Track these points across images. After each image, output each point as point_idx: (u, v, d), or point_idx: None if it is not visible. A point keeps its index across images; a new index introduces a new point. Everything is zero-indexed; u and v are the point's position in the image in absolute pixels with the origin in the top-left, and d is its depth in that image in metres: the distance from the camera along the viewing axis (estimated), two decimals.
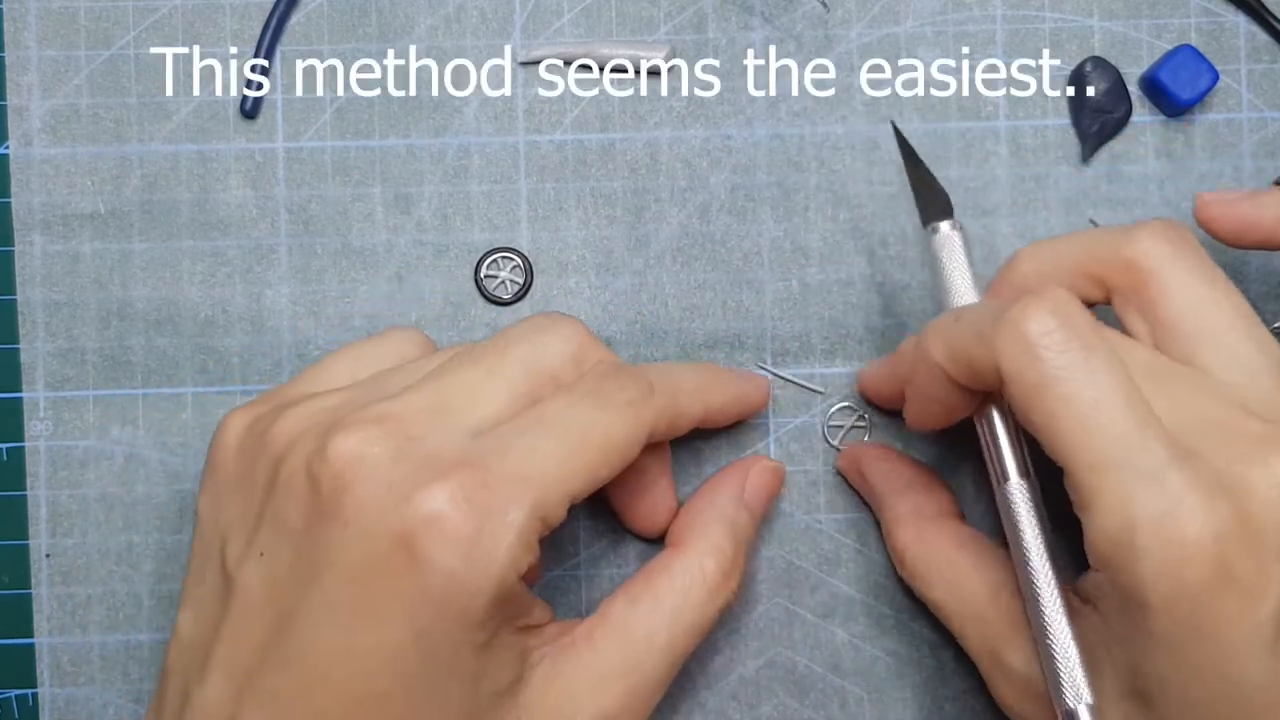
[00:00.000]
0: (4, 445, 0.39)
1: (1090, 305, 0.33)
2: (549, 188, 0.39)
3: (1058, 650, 0.31)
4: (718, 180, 0.39)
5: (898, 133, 0.36)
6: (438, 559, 0.29)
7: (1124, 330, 0.33)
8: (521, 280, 0.39)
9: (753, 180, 0.39)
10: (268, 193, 0.39)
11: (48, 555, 0.39)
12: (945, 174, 0.39)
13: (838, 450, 0.39)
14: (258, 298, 0.39)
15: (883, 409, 0.39)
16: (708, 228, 0.39)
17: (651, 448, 0.36)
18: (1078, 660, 0.31)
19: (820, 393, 0.39)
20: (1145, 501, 0.28)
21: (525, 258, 0.39)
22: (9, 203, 0.39)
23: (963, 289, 0.34)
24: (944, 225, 0.35)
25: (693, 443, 0.39)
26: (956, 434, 0.36)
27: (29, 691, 0.39)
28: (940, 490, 0.37)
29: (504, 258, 0.39)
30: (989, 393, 0.32)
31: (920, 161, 0.35)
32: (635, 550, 0.39)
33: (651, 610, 0.33)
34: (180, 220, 0.39)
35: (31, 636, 0.39)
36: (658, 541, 0.37)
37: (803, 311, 0.39)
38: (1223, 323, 0.32)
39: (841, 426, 0.39)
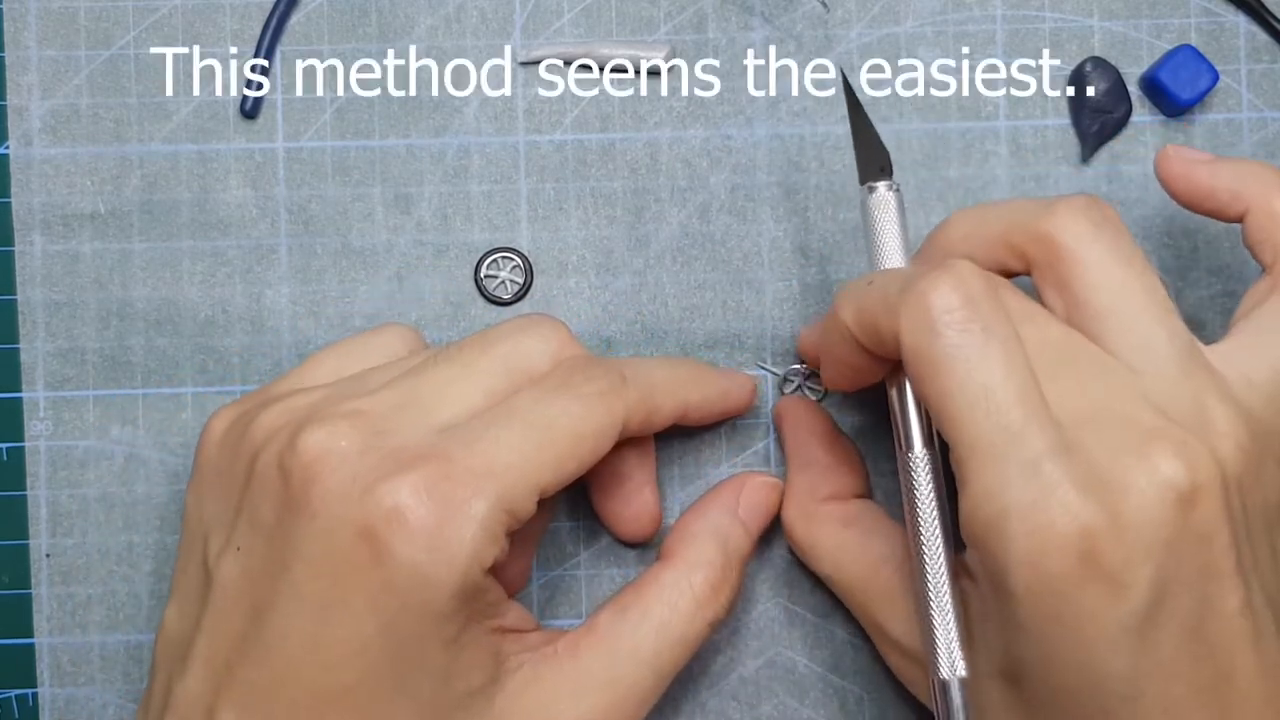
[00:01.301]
0: (4, 445, 0.39)
1: (1012, 275, 0.33)
2: (549, 188, 0.39)
3: (936, 621, 0.31)
4: (718, 180, 0.39)
5: (845, 82, 0.35)
6: (400, 551, 0.29)
7: (1042, 303, 0.32)
8: (521, 280, 0.39)
9: (753, 180, 0.39)
10: (268, 193, 0.39)
11: (48, 555, 0.39)
12: (945, 174, 0.39)
13: (784, 396, 0.39)
14: (258, 298, 0.39)
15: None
16: (708, 228, 0.39)
17: (634, 453, 0.36)
18: (955, 632, 0.31)
19: (821, 394, 0.39)
20: (1017, 489, 0.28)
21: (525, 258, 0.39)
22: (9, 203, 0.39)
23: (892, 252, 0.34)
24: (880, 185, 0.34)
25: (694, 443, 0.39)
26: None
27: (29, 691, 0.39)
28: (842, 470, 0.37)
29: (504, 258, 0.39)
30: (899, 361, 0.32)
31: (865, 115, 0.34)
32: (636, 551, 0.39)
33: (639, 622, 0.33)
34: (180, 220, 0.39)
35: (31, 636, 0.39)
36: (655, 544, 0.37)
37: (802, 311, 0.39)
38: (1135, 306, 0.31)
39: (794, 382, 0.39)
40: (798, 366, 0.39)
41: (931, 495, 0.32)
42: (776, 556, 0.39)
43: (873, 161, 0.34)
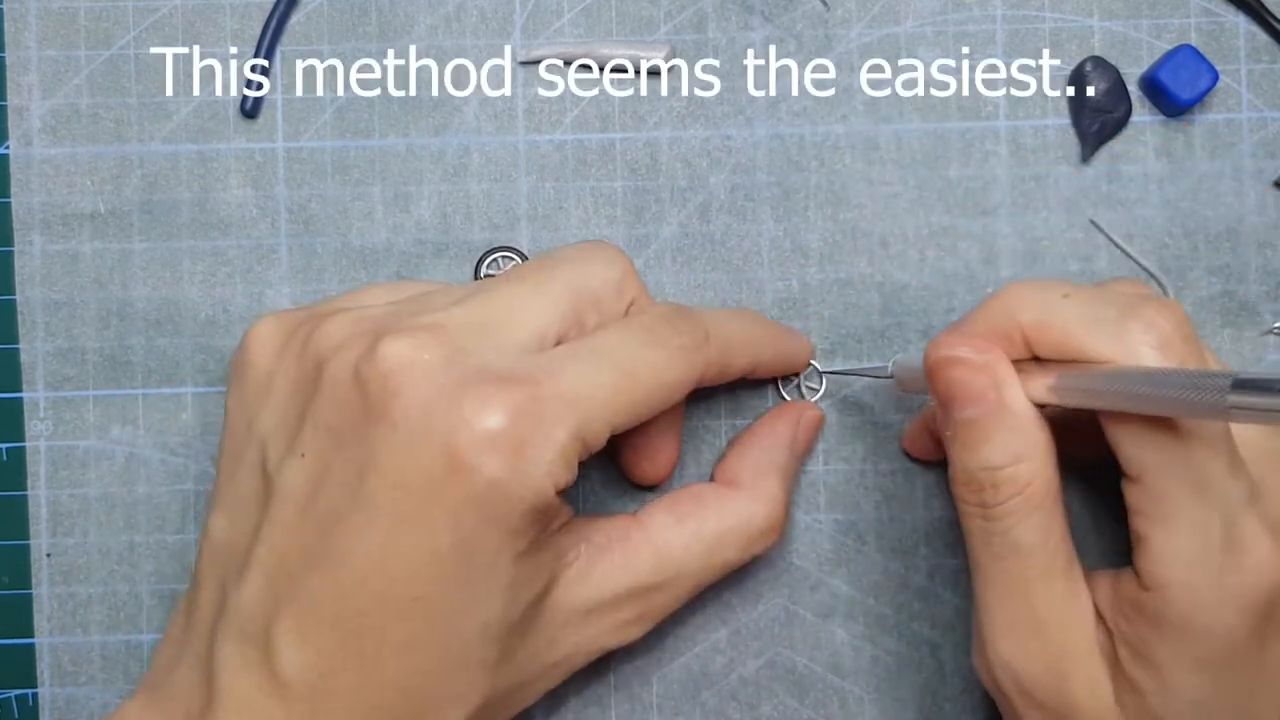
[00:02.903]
0: (4, 445, 0.39)
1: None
2: (549, 187, 0.39)
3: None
4: (718, 180, 0.39)
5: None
6: (483, 467, 0.29)
7: None
8: None
9: (753, 180, 0.39)
10: (268, 193, 0.39)
11: (48, 555, 0.39)
12: (945, 174, 0.39)
13: (784, 399, 0.39)
14: (258, 298, 0.39)
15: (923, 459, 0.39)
16: (708, 228, 0.39)
17: None
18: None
19: (819, 393, 0.39)
20: (1227, 528, 0.29)
21: (525, 257, 0.39)
22: (9, 203, 0.39)
23: None
24: None
25: (694, 444, 0.39)
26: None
27: (29, 691, 0.39)
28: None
29: (504, 257, 0.39)
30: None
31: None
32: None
33: (693, 537, 0.34)
34: (180, 220, 0.39)
35: (32, 636, 0.39)
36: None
37: (802, 311, 0.39)
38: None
39: (791, 380, 0.39)
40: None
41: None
42: (777, 557, 0.39)
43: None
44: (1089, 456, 0.33)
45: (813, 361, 0.39)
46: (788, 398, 0.39)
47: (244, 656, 0.31)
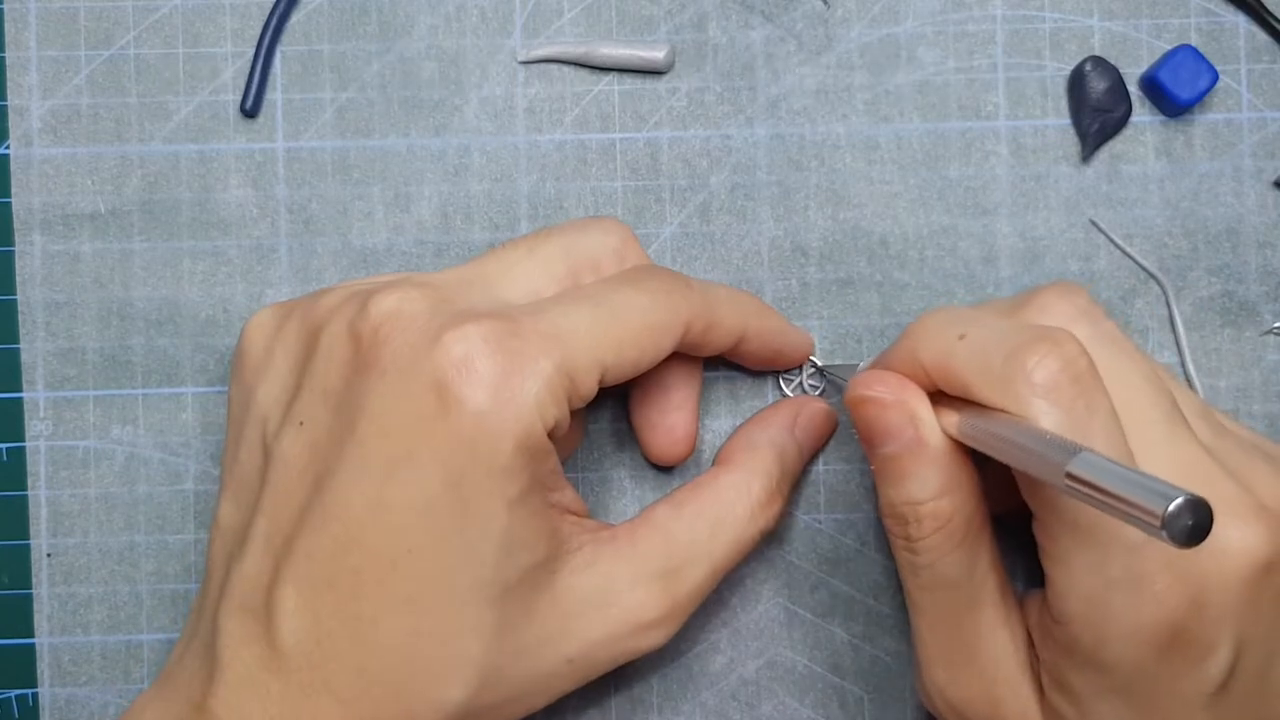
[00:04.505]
0: (4, 445, 0.39)
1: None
2: (549, 187, 0.39)
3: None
4: (718, 180, 0.39)
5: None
6: (468, 399, 0.29)
7: None
8: None
9: (753, 180, 0.39)
10: (268, 193, 0.39)
11: (48, 555, 0.39)
12: (945, 174, 0.39)
13: (787, 396, 0.39)
14: (258, 298, 0.39)
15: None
16: (708, 228, 0.39)
17: (682, 368, 0.36)
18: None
19: (820, 391, 0.39)
20: (1123, 565, 0.29)
21: None
22: (9, 203, 0.39)
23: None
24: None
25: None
26: None
27: (29, 691, 0.39)
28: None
29: None
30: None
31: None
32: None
33: (695, 518, 0.34)
34: (180, 220, 0.39)
35: (32, 636, 0.39)
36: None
37: (802, 311, 0.39)
38: (1143, 388, 0.31)
39: (794, 379, 0.39)
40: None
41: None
42: (776, 556, 0.39)
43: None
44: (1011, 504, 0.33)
45: (812, 358, 0.39)
46: (790, 394, 0.39)
47: (245, 629, 0.31)
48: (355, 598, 0.30)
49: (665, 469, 0.39)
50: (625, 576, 0.33)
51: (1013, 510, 0.33)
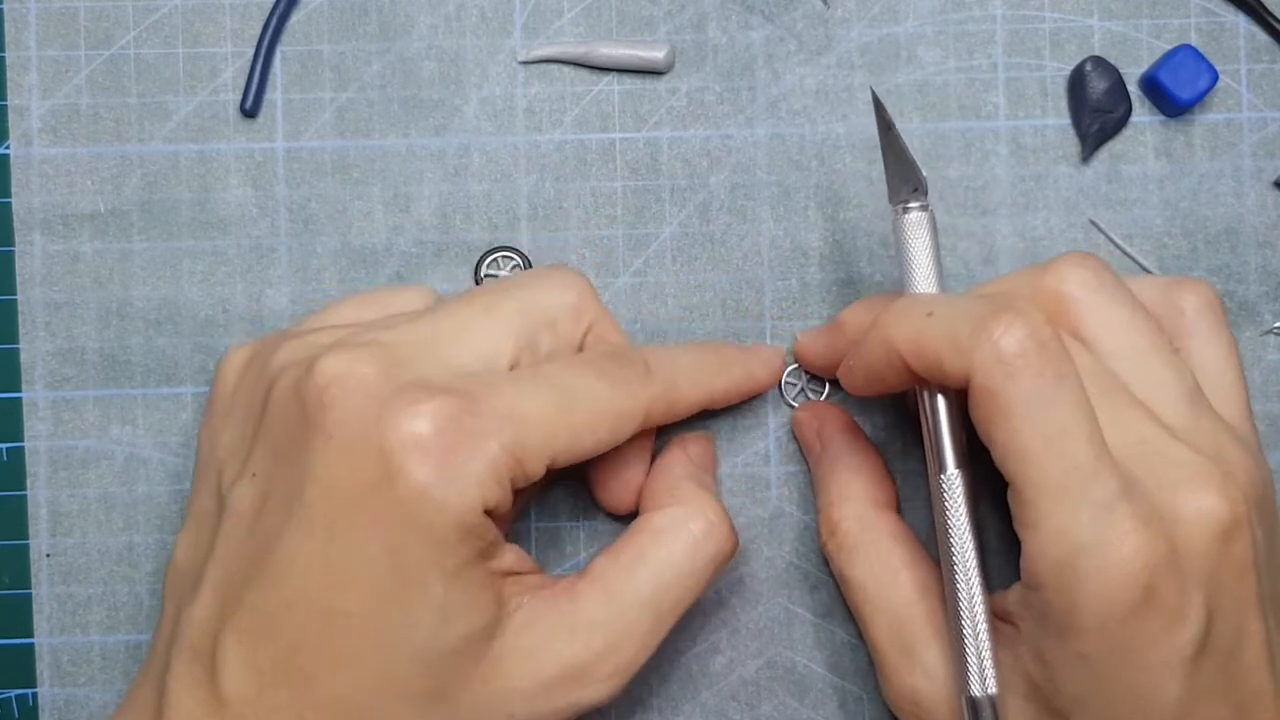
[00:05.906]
0: (4, 445, 0.39)
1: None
2: (549, 187, 0.39)
3: (969, 638, 0.32)
4: (718, 180, 0.39)
5: (876, 101, 0.35)
6: (412, 472, 0.29)
7: None
8: None
9: (753, 180, 0.39)
10: (268, 192, 0.39)
11: (48, 555, 0.39)
12: (945, 174, 0.39)
13: (792, 407, 0.39)
14: (258, 298, 0.39)
15: (816, 375, 0.39)
16: (708, 228, 0.39)
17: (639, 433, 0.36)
18: (989, 650, 0.32)
19: (821, 396, 0.39)
20: (1090, 529, 0.29)
21: (525, 257, 0.39)
22: (9, 203, 0.39)
23: (925, 275, 0.34)
24: (914, 206, 0.34)
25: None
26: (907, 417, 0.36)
27: (29, 691, 0.39)
28: (888, 481, 0.38)
29: (504, 257, 0.39)
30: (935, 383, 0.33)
31: (897, 134, 0.34)
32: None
33: (634, 565, 0.33)
34: (180, 220, 0.39)
35: (31, 636, 0.39)
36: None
37: (802, 311, 0.39)
38: (1143, 345, 0.33)
39: (796, 385, 0.39)
40: (794, 366, 0.39)
41: (966, 513, 0.32)
42: (776, 557, 0.39)
43: (906, 181, 0.34)
44: None
45: (790, 368, 0.39)
46: (793, 403, 0.39)
47: (191, 675, 0.31)
48: (295, 653, 0.30)
49: (619, 517, 0.39)
50: (565, 632, 0.32)
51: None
